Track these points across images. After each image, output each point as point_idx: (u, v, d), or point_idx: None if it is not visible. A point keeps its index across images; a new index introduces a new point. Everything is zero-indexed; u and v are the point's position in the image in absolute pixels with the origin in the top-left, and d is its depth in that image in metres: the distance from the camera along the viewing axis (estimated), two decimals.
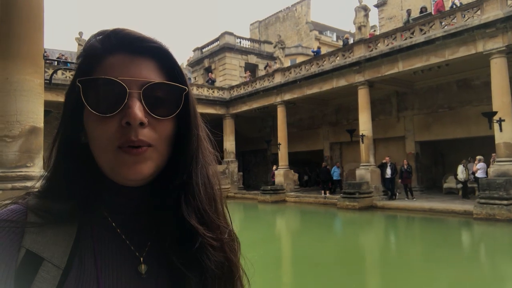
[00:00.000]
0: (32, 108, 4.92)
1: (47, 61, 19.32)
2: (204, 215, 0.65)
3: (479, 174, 14.17)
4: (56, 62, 20.77)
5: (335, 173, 19.65)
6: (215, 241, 0.64)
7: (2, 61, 4.58)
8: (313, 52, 27.17)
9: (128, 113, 0.57)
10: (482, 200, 12.09)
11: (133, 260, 0.63)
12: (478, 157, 14.45)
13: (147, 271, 0.63)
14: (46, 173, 0.65)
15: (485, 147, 15.59)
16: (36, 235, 0.57)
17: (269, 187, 21.12)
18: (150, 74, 0.61)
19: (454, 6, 16.24)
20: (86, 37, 24.38)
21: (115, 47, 0.61)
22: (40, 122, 5.09)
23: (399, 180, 16.92)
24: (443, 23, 14.37)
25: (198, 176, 0.65)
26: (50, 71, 16.49)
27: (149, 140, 0.59)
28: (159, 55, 0.63)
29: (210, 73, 29.44)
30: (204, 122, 0.72)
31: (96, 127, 0.58)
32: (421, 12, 19.01)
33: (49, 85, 9.55)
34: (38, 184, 0.66)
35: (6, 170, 4.83)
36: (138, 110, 0.57)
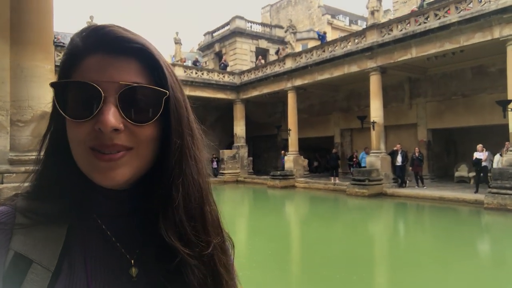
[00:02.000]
0: (43, 94, 5.00)
1: (59, 45, 19.42)
2: (182, 230, 0.61)
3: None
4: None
5: (363, 159, 18.40)
6: (193, 259, 0.60)
7: (13, 48, 4.64)
8: (318, 34, 26.79)
9: (101, 120, 0.54)
10: (494, 190, 11.95)
11: (124, 263, 0.61)
12: (480, 145, 14.26)
13: (138, 274, 0.61)
14: (34, 173, 0.63)
15: (498, 136, 15.34)
16: (24, 237, 0.56)
17: (278, 172, 21.18)
18: (130, 76, 0.57)
19: None
20: (97, 20, 24.42)
21: (95, 47, 0.57)
22: (51, 107, 5.18)
23: (410, 168, 16.80)
24: (458, 8, 14.00)
25: (178, 190, 0.60)
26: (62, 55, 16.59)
27: (126, 143, 0.56)
28: (141, 55, 0.59)
29: (223, 57, 29.33)
30: (197, 123, 0.68)
31: (72, 129, 0.57)
32: None
33: None
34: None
35: (19, 154, 4.96)
36: (111, 116, 0.54)
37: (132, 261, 0.62)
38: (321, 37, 24.92)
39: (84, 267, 0.58)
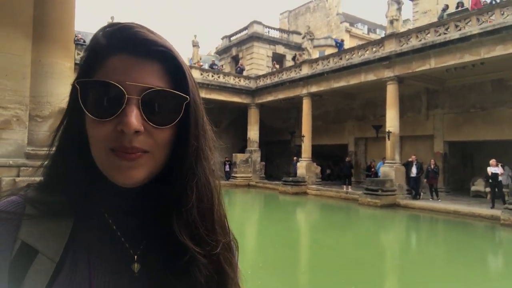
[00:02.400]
0: (62, 91, 5.09)
1: (79, 44, 19.80)
2: (194, 230, 0.63)
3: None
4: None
5: (381, 169, 17.65)
6: (204, 257, 0.62)
7: (35, 45, 4.73)
8: (336, 41, 26.71)
9: (124, 121, 0.55)
10: (511, 206, 11.68)
11: (127, 257, 0.63)
12: (494, 160, 13.97)
13: (140, 269, 0.62)
14: (46, 164, 0.65)
15: None
16: (32, 227, 0.57)
17: (290, 178, 21.09)
18: (153, 79, 0.58)
19: (494, 2, 15.53)
20: (117, 21, 24.85)
21: (119, 47, 0.59)
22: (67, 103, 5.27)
23: (425, 180, 16.52)
24: (480, 20, 13.79)
25: (192, 190, 0.62)
26: (82, 54, 16.87)
27: (144, 146, 0.58)
28: (165, 58, 0.60)
29: (240, 61, 29.47)
30: (210, 124, 0.70)
31: (92, 128, 0.58)
32: (457, 7, 18.28)
33: None
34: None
35: (36, 149, 5.04)
36: (134, 118, 0.56)
37: (135, 257, 0.63)
38: (339, 44, 24.85)
39: (87, 259, 0.60)
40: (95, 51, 0.60)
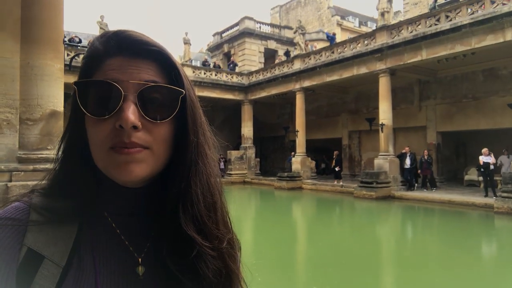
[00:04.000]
0: (53, 93, 5.03)
1: (71, 44, 19.59)
2: (202, 224, 0.64)
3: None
4: (78, 46, 21.03)
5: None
6: (213, 251, 0.64)
7: (24, 46, 4.66)
8: (327, 35, 26.70)
9: (121, 116, 0.56)
10: (504, 194, 11.79)
11: (131, 261, 0.64)
12: (486, 149, 14.03)
13: (144, 272, 0.64)
14: (51, 171, 0.66)
15: (509, 139, 15.14)
16: (37, 233, 0.58)
17: (285, 173, 21.10)
18: (148, 76, 0.60)
19: None
20: (107, 20, 24.61)
21: (115, 50, 0.61)
22: (60, 106, 5.20)
23: (419, 171, 16.62)
24: (470, 10, 13.83)
25: (197, 185, 0.64)
26: (73, 54, 16.71)
27: (142, 142, 0.58)
28: (158, 58, 0.62)
29: (232, 58, 29.33)
30: (209, 124, 0.72)
31: (92, 128, 0.59)
32: None
33: (70, 70, 9.71)
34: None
35: (28, 152, 4.98)
36: (131, 113, 0.57)
37: (140, 260, 0.64)
38: (330, 38, 24.82)
39: (93, 264, 0.61)
40: (93, 56, 0.62)
